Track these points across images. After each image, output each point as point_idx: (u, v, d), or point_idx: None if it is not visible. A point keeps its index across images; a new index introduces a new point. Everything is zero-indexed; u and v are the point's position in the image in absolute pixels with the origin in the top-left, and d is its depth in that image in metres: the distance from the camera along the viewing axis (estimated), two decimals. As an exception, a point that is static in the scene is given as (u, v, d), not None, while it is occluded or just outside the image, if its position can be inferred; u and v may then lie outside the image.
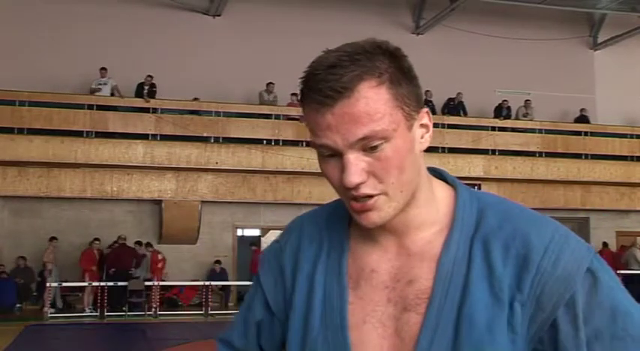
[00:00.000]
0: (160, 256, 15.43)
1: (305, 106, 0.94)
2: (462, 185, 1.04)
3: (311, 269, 1.06)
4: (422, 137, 0.97)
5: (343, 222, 1.07)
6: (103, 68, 15.59)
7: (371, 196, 0.93)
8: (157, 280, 14.76)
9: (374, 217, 0.95)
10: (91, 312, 14.41)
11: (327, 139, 0.91)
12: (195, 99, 16.10)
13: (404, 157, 0.93)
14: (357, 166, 0.91)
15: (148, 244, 15.68)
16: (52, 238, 14.78)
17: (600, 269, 0.94)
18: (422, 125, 0.97)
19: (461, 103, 17.77)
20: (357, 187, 0.92)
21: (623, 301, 0.94)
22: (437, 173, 1.06)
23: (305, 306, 1.04)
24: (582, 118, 18.81)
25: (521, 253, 0.94)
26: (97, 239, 15.00)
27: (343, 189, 0.94)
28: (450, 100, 17.68)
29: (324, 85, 0.90)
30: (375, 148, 0.91)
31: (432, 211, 1.01)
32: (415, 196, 0.98)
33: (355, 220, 0.97)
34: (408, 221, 1.00)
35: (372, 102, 0.90)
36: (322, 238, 1.07)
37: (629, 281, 17.26)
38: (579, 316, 0.91)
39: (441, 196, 1.02)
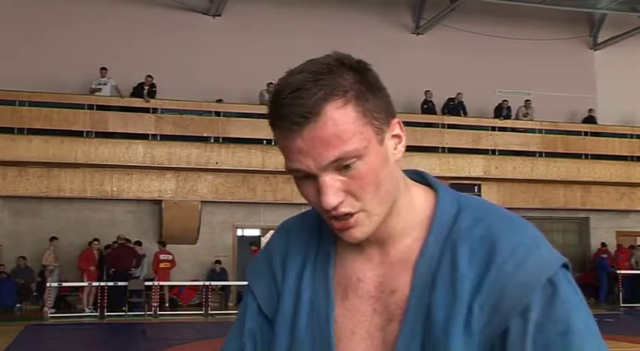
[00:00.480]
0: (163, 257, 15.39)
1: (275, 131, 0.94)
2: (442, 187, 1.03)
3: (298, 276, 1.05)
4: (395, 148, 0.96)
5: (330, 229, 1.05)
6: (104, 68, 15.60)
7: (351, 214, 0.93)
8: (159, 281, 14.77)
9: (357, 234, 0.95)
10: (91, 312, 14.41)
11: (300, 164, 0.92)
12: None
13: (378, 171, 0.92)
14: (332, 187, 0.91)
15: (161, 243, 15.65)
16: (53, 238, 14.78)
17: (563, 282, 0.92)
18: (394, 136, 0.96)
19: (461, 103, 17.76)
20: (335, 207, 0.92)
21: (578, 320, 0.90)
22: (419, 176, 1.06)
23: (292, 313, 1.03)
24: (590, 119, 18.78)
25: (486, 256, 0.93)
26: (96, 239, 15.00)
27: (322, 209, 0.93)
28: (450, 100, 17.67)
29: (290, 110, 0.89)
30: (348, 166, 0.90)
31: (411, 218, 1.00)
32: (395, 205, 0.97)
33: (339, 236, 0.97)
34: (388, 230, 0.99)
35: (341, 123, 0.89)
36: (310, 243, 1.07)
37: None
38: (529, 329, 0.89)
39: (420, 201, 1.02)
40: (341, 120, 0.89)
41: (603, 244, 18.18)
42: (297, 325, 1.02)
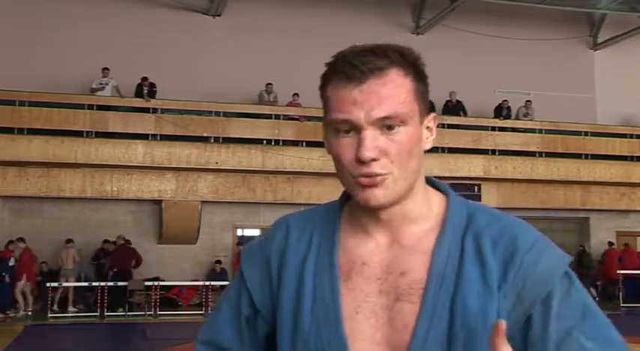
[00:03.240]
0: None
1: (330, 83, 1.00)
2: (453, 192, 1.11)
3: (299, 265, 1.08)
4: (427, 138, 1.05)
5: (334, 219, 1.10)
6: (105, 68, 15.59)
7: (380, 175, 0.98)
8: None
9: (379, 195, 0.99)
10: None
11: (350, 115, 0.97)
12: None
13: (414, 145, 1.00)
14: (373, 142, 0.96)
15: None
16: (69, 241, 14.81)
17: (574, 276, 1.03)
18: (428, 127, 1.05)
19: (459, 103, 17.73)
20: (369, 163, 0.96)
21: (591, 304, 1.02)
22: (430, 182, 1.12)
23: (294, 301, 1.06)
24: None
25: (509, 248, 1.01)
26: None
27: (355, 165, 0.97)
28: (448, 101, 17.66)
29: (357, 62, 0.97)
30: (392, 128, 0.97)
31: (426, 209, 1.06)
32: (413, 191, 1.03)
33: (359, 197, 1.00)
34: (404, 214, 1.04)
35: (399, 87, 0.98)
36: (312, 235, 1.10)
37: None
38: (552, 313, 0.98)
39: (434, 199, 1.09)
40: (400, 85, 0.98)
41: (610, 244, 18.12)
42: (301, 311, 1.05)
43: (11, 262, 13.82)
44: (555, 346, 0.96)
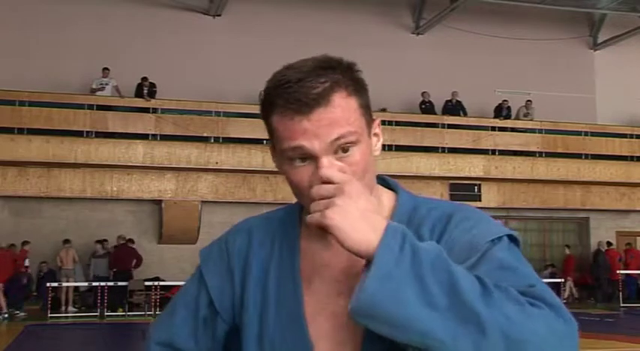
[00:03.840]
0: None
1: (273, 114, 1.01)
2: (402, 189, 1.13)
3: (263, 270, 1.10)
4: (375, 145, 1.06)
5: (295, 224, 1.12)
6: (106, 68, 15.59)
7: None
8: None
9: None
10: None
11: (302, 143, 0.97)
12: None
13: (367, 160, 1.01)
14: (331, 165, 0.97)
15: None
16: (66, 241, 14.80)
17: (502, 246, 0.98)
18: (374, 134, 1.06)
19: (459, 103, 17.73)
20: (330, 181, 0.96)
21: (514, 263, 0.96)
22: (380, 180, 1.13)
23: (260, 305, 1.08)
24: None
25: (443, 226, 1.03)
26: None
27: (312, 190, 0.97)
28: (448, 101, 17.66)
29: (299, 94, 0.96)
30: (346, 150, 0.98)
31: (379, 212, 1.05)
32: None
33: (307, 229, 1.03)
34: None
35: (346, 109, 0.98)
36: (273, 240, 1.12)
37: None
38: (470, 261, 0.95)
39: (383, 197, 1.11)
40: (347, 107, 0.98)
41: (609, 244, 18.10)
42: (267, 315, 1.07)
43: None
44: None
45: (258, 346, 1.07)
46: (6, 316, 13.75)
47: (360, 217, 0.90)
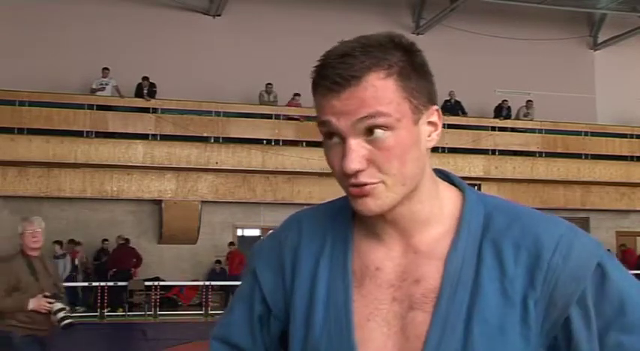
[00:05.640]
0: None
1: (315, 92, 0.96)
2: (469, 188, 1.05)
3: (313, 266, 1.05)
4: (429, 135, 0.98)
5: (348, 219, 1.06)
6: (106, 68, 15.59)
7: (369, 184, 0.94)
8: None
9: (370, 204, 0.95)
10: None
11: (331, 116, 0.93)
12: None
13: (407, 149, 0.93)
14: (357, 152, 0.92)
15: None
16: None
17: (610, 264, 0.95)
18: (430, 122, 0.98)
19: (458, 103, 17.72)
20: (356, 174, 0.93)
21: (632, 294, 0.94)
22: (444, 175, 1.07)
23: (307, 303, 1.04)
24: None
25: (532, 252, 0.95)
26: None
27: (343, 175, 0.94)
28: (447, 101, 17.67)
29: (332, 72, 0.92)
30: (377, 134, 0.92)
31: (436, 210, 1.01)
32: (417, 192, 0.98)
33: (353, 206, 0.98)
34: (410, 216, 1.00)
35: (380, 89, 0.92)
36: (325, 235, 1.07)
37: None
38: (591, 311, 0.93)
39: (446, 196, 1.03)
40: (381, 87, 0.92)
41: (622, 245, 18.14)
42: (314, 314, 1.02)
43: None
44: (599, 344, 0.93)
45: (302, 347, 1.03)
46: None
47: None
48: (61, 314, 4.53)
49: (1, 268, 4.92)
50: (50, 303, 4.56)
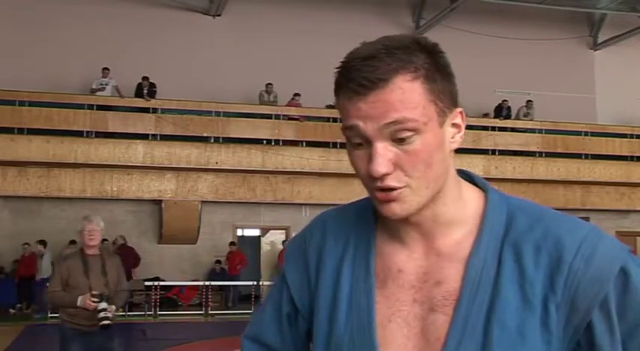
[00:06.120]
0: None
1: (339, 95, 0.95)
2: (492, 188, 1.04)
3: (336, 267, 1.06)
4: (453, 137, 0.98)
5: (371, 221, 1.07)
6: (106, 68, 15.59)
7: (395, 188, 0.94)
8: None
9: (396, 209, 0.95)
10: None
11: (358, 120, 0.92)
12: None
13: (433, 152, 0.93)
14: (384, 156, 0.92)
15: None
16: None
17: (634, 268, 0.93)
18: (454, 124, 0.98)
19: (458, 103, 17.71)
20: (382, 177, 0.92)
21: None
22: (466, 176, 1.07)
23: (330, 303, 1.05)
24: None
25: (553, 254, 0.94)
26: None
27: (369, 179, 0.94)
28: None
29: (358, 74, 0.91)
30: (404, 139, 0.92)
31: (459, 211, 1.01)
32: (442, 194, 0.98)
33: (378, 210, 0.98)
34: (434, 219, 1.00)
35: (407, 93, 0.91)
36: (349, 236, 1.08)
37: None
38: (613, 316, 0.92)
39: (469, 197, 1.03)
40: (408, 90, 0.91)
41: None
42: (337, 315, 1.03)
43: None
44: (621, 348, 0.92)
45: (325, 346, 1.04)
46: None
47: None
48: (101, 314, 4.82)
49: (59, 266, 5.37)
50: (95, 302, 4.84)
